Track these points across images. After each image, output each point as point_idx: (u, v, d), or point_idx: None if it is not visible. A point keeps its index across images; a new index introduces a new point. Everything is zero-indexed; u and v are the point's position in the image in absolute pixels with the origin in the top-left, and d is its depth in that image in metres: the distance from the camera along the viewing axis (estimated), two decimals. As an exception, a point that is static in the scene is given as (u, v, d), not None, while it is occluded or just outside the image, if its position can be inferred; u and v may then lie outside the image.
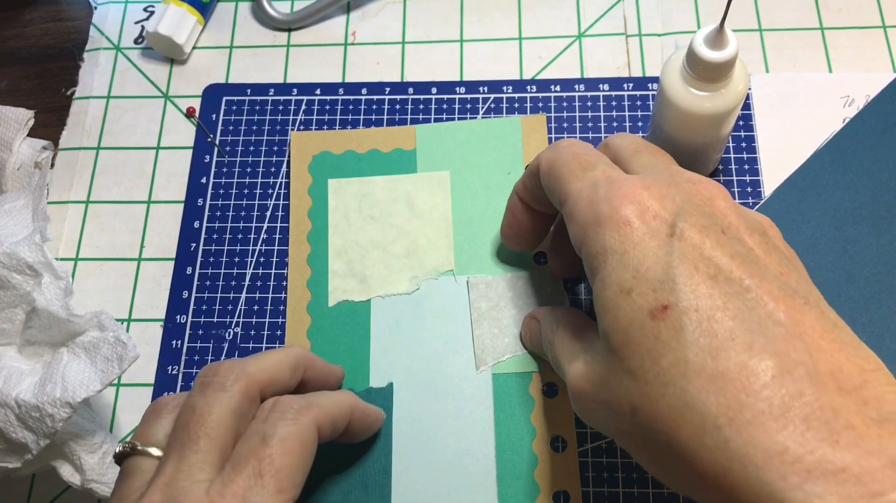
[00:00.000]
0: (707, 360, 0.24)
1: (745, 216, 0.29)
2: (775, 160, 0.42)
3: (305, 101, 0.46)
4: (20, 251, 0.35)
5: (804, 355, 0.24)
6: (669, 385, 0.25)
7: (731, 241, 0.27)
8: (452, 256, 0.40)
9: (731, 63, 0.33)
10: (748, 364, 0.24)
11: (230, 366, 0.30)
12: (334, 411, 0.31)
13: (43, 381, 0.33)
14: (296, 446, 0.28)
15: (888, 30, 0.45)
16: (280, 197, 0.43)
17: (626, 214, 0.28)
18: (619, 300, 0.27)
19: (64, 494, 0.38)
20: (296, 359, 0.33)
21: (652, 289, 0.26)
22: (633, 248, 0.27)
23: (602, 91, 0.45)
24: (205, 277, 0.42)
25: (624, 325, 0.26)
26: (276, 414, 0.29)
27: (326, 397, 0.32)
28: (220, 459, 0.28)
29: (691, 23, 0.47)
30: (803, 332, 0.25)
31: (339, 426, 0.32)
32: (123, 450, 0.30)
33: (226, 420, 0.29)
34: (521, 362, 0.38)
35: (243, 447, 0.28)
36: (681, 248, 0.26)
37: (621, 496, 0.36)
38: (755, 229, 0.28)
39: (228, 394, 0.29)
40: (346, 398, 0.33)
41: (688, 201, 0.28)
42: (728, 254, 0.26)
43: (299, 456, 0.28)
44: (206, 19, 0.49)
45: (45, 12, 0.51)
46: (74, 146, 0.46)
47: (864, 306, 0.37)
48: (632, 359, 0.26)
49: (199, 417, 0.28)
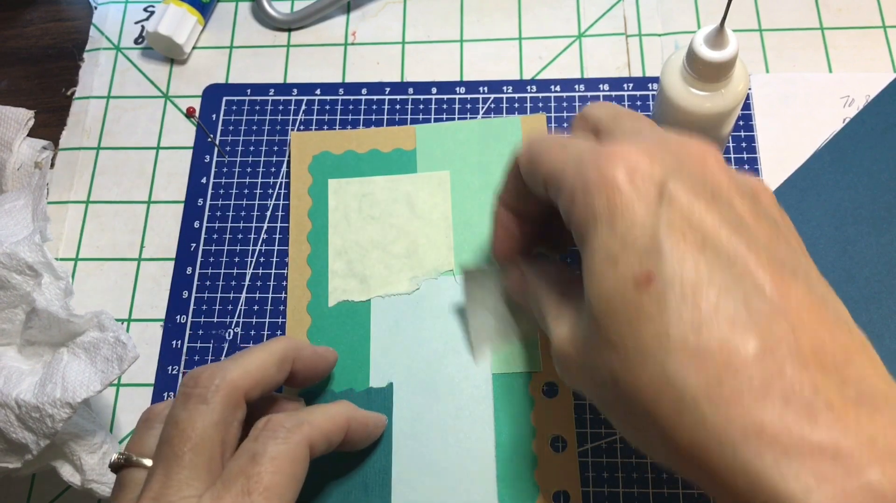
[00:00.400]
0: (689, 335, 0.24)
1: (736, 179, 0.28)
2: (775, 160, 0.42)
3: (305, 101, 0.46)
4: (20, 251, 0.35)
5: (787, 332, 0.24)
6: (650, 358, 0.24)
7: (721, 206, 0.26)
8: (452, 256, 0.40)
9: (731, 63, 0.33)
10: (730, 341, 0.24)
11: (211, 375, 0.30)
12: (328, 427, 0.31)
13: (43, 382, 0.33)
14: (286, 465, 0.28)
15: (888, 30, 0.45)
16: (280, 197, 0.43)
17: (614, 177, 0.26)
18: (604, 268, 0.26)
19: (64, 494, 0.38)
20: (282, 354, 0.33)
21: (637, 259, 0.25)
22: (621, 213, 0.26)
23: (602, 91, 0.45)
24: (205, 277, 0.42)
25: (607, 294, 0.26)
26: (266, 432, 0.29)
27: (320, 412, 0.32)
28: (207, 472, 0.28)
29: (691, 23, 0.47)
30: (788, 308, 0.24)
31: (334, 441, 0.32)
32: (118, 461, 0.30)
33: (209, 433, 0.29)
34: (520, 359, 0.38)
35: (234, 465, 0.28)
36: (669, 215, 0.25)
37: (621, 496, 0.36)
38: (746, 194, 0.27)
39: (210, 406, 0.29)
40: (341, 411, 0.33)
41: (678, 162, 0.27)
42: (717, 221, 0.26)
43: (289, 474, 0.28)
44: (206, 19, 0.49)
45: (45, 12, 0.51)
46: (74, 146, 0.46)
47: (864, 306, 0.37)
48: (614, 330, 0.26)
49: (182, 432, 0.29)
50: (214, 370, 0.30)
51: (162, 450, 0.29)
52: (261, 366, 0.31)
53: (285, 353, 0.33)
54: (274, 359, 0.32)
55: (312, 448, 0.30)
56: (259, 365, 0.31)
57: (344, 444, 0.33)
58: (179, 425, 0.29)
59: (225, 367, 0.30)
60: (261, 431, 0.30)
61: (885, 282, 0.37)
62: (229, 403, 0.30)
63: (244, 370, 0.31)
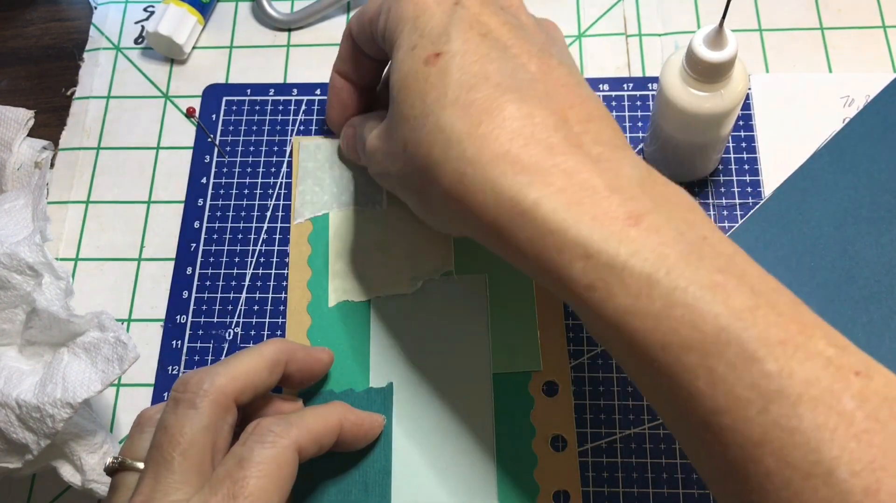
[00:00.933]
0: (462, 93, 0.29)
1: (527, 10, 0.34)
2: (775, 160, 0.42)
3: (305, 102, 0.46)
4: (20, 251, 0.35)
5: (542, 94, 0.29)
6: (430, 116, 0.29)
7: (507, 14, 0.32)
8: (452, 256, 0.40)
9: (730, 63, 0.33)
10: (492, 96, 0.29)
11: (199, 380, 0.30)
12: (318, 429, 0.32)
13: (43, 382, 0.33)
14: (272, 469, 0.29)
15: (888, 30, 0.45)
16: (280, 197, 0.43)
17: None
18: (405, 56, 0.31)
19: (64, 494, 0.38)
20: (273, 357, 0.33)
21: (431, 43, 0.31)
22: (422, 13, 0.31)
23: (602, 91, 0.45)
24: (205, 277, 0.42)
25: (404, 75, 0.31)
26: (254, 437, 0.30)
27: (311, 415, 0.32)
28: (196, 476, 0.29)
29: (691, 23, 0.47)
30: (547, 80, 0.30)
31: (325, 443, 0.32)
32: (112, 465, 0.31)
33: (198, 438, 0.29)
34: (520, 358, 0.38)
35: (221, 469, 0.29)
36: (461, 13, 0.31)
37: (621, 496, 0.36)
38: (532, 16, 0.34)
39: (198, 411, 0.29)
40: (334, 412, 0.33)
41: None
42: (500, 22, 0.31)
43: (275, 479, 0.29)
44: (206, 19, 0.49)
45: (45, 12, 0.51)
46: (74, 146, 0.46)
47: (864, 306, 0.37)
48: (408, 104, 0.30)
49: (171, 437, 0.29)
50: (203, 375, 0.31)
51: (152, 455, 0.29)
52: (251, 370, 0.32)
53: (277, 356, 0.33)
54: (265, 363, 0.32)
55: (301, 451, 0.30)
56: (249, 368, 0.32)
57: (338, 445, 0.33)
58: (169, 430, 0.29)
59: (214, 372, 0.31)
60: (249, 435, 0.30)
61: (885, 283, 0.37)
62: (218, 408, 0.30)
63: (234, 374, 0.31)
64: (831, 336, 0.24)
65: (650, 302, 0.25)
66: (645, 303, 0.25)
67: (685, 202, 0.28)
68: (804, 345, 0.23)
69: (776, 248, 0.38)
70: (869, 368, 0.23)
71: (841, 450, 0.22)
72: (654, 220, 0.26)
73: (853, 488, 0.21)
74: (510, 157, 0.27)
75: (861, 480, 0.21)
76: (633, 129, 0.43)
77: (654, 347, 0.25)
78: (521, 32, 0.31)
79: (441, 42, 0.30)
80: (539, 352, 0.38)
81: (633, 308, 0.25)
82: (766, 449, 0.23)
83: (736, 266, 0.25)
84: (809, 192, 0.40)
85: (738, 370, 0.23)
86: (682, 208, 0.27)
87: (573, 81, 0.30)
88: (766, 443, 0.23)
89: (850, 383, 0.23)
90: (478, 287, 0.40)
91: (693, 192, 0.41)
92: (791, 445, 0.22)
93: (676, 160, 0.40)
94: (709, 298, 0.24)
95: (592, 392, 0.38)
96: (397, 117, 0.31)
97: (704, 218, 0.27)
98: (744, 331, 0.23)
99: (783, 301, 0.25)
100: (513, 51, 0.30)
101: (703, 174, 0.41)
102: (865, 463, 0.21)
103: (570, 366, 0.38)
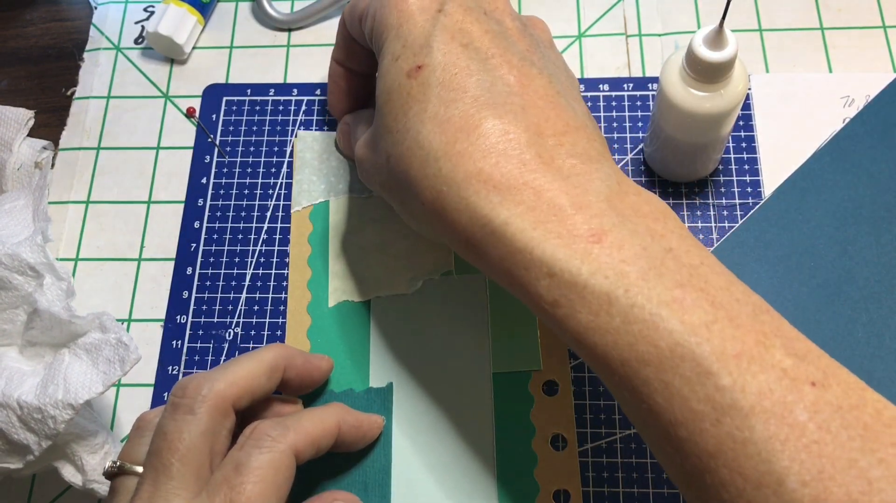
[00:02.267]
0: (441, 109, 0.29)
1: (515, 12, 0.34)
2: (775, 160, 0.42)
3: (306, 101, 0.46)
4: (22, 252, 0.35)
5: (519, 108, 0.29)
6: (411, 131, 0.30)
7: (490, 20, 0.32)
8: (452, 256, 0.40)
9: (730, 63, 0.33)
10: (469, 112, 0.29)
11: (198, 385, 0.30)
12: (315, 432, 0.32)
13: (45, 383, 0.33)
14: (269, 474, 0.29)
15: (888, 30, 0.45)
16: (280, 197, 0.43)
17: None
18: (389, 66, 0.32)
19: (65, 494, 0.38)
20: (272, 363, 0.33)
21: (413, 54, 0.31)
22: (406, 21, 0.32)
23: (602, 91, 0.45)
24: (205, 277, 0.42)
25: (388, 87, 0.31)
26: (251, 441, 0.30)
27: (308, 418, 0.32)
28: (195, 481, 0.29)
29: (691, 23, 0.47)
30: (525, 93, 0.30)
31: (322, 446, 0.32)
32: (111, 469, 0.31)
33: (197, 443, 0.29)
34: (520, 357, 0.38)
35: (218, 475, 0.29)
36: (443, 22, 0.31)
37: (621, 496, 0.36)
38: (518, 18, 0.34)
39: (197, 417, 0.30)
40: (331, 415, 0.33)
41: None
42: (483, 31, 0.31)
43: (272, 483, 0.29)
44: (206, 19, 0.49)
45: (45, 12, 0.51)
46: (74, 146, 0.46)
47: (864, 306, 0.37)
48: (391, 116, 0.31)
49: (169, 443, 0.29)
50: (202, 380, 0.31)
51: (151, 461, 0.29)
52: (249, 376, 0.32)
53: (275, 362, 0.33)
54: (263, 368, 0.33)
55: (298, 455, 0.30)
56: (247, 374, 0.32)
57: (337, 447, 0.33)
58: (167, 436, 0.29)
59: (213, 377, 0.31)
60: (246, 439, 0.30)
61: (885, 282, 0.37)
62: (216, 413, 0.30)
63: (232, 380, 0.31)
64: (792, 345, 0.24)
65: (610, 319, 0.25)
66: (605, 320, 0.25)
67: (656, 211, 0.28)
68: (760, 357, 0.24)
69: (776, 248, 0.39)
70: (827, 377, 0.24)
71: (791, 461, 0.22)
72: (617, 237, 0.26)
73: (802, 498, 0.22)
74: (483, 176, 0.28)
75: (810, 490, 0.22)
76: (633, 129, 0.43)
77: (615, 362, 0.25)
78: (503, 41, 0.31)
79: (423, 54, 0.31)
80: (539, 352, 0.38)
81: (594, 324, 0.26)
82: (720, 460, 0.23)
83: (699, 278, 0.26)
84: (809, 192, 0.40)
85: (692, 384, 0.24)
86: (650, 218, 0.28)
87: (552, 92, 0.30)
88: (720, 454, 0.23)
89: (803, 394, 0.23)
90: (478, 287, 0.40)
91: (693, 192, 0.42)
92: (743, 456, 0.23)
93: (676, 160, 0.40)
94: (665, 314, 0.25)
95: (592, 391, 0.38)
96: (382, 129, 0.32)
97: (675, 226, 0.28)
98: (698, 347, 0.24)
99: (745, 312, 0.25)
100: (493, 62, 0.30)
101: (703, 174, 0.41)
102: (815, 473, 0.22)
103: (570, 365, 0.38)
